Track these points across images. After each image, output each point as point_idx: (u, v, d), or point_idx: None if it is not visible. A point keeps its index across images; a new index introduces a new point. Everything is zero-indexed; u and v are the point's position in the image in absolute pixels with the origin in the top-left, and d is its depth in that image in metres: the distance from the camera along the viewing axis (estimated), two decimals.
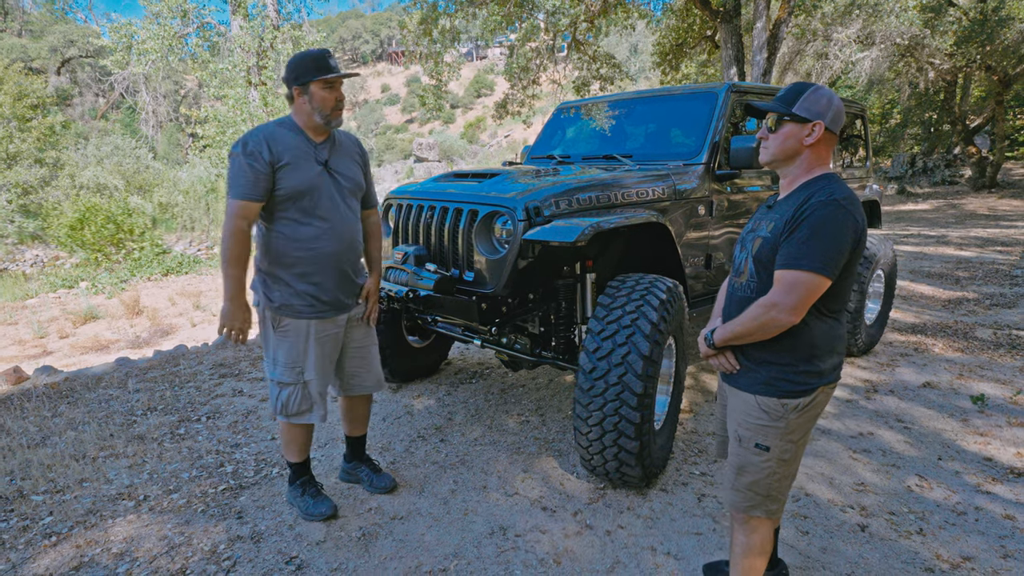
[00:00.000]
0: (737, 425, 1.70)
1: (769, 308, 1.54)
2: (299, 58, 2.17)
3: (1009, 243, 9.10)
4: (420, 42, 11.77)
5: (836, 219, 1.49)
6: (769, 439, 1.64)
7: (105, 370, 4.54)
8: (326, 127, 2.23)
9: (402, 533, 2.43)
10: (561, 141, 4.36)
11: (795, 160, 1.63)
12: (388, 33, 71.48)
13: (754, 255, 1.64)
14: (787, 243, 1.53)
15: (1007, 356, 4.35)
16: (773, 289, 1.55)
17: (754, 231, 1.69)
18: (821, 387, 1.62)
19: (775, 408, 1.61)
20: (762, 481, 1.67)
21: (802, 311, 1.52)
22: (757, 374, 1.65)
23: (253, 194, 2.11)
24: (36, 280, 12.25)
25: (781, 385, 1.61)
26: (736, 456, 1.71)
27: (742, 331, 1.61)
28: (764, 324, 1.56)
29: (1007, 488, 2.69)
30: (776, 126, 1.63)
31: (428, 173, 33.47)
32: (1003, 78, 14.86)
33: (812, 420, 1.65)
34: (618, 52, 34.46)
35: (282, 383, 2.32)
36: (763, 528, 1.74)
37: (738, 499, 1.72)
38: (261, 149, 2.11)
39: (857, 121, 5.08)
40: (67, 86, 36.46)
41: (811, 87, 1.60)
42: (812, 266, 1.48)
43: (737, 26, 11.13)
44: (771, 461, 1.65)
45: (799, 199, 1.57)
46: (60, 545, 2.37)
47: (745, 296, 1.67)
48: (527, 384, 4.01)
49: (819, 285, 1.50)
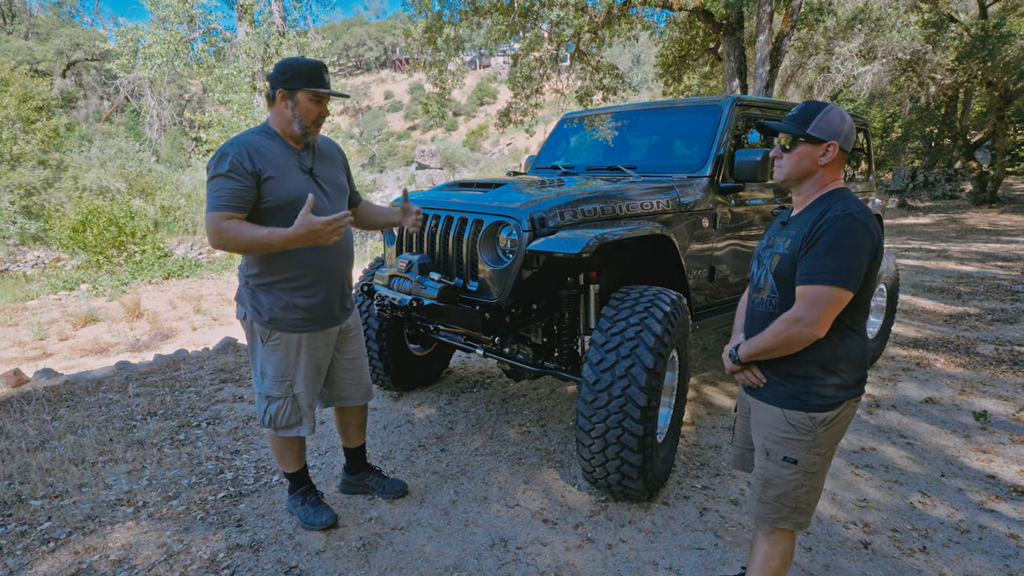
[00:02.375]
0: (764, 439, 1.71)
1: (793, 323, 1.56)
2: (292, 62, 2.09)
3: (1010, 258, 9.10)
4: (424, 50, 11.83)
5: (853, 232, 1.51)
6: (797, 452, 1.65)
7: (105, 374, 4.53)
8: (303, 138, 2.15)
9: (402, 544, 2.42)
10: (565, 151, 4.37)
11: (810, 179, 1.66)
12: (392, 40, 71.90)
13: (773, 271, 1.66)
14: (806, 258, 1.56)
15: (1009, 372, 4.34)
16: (796, 304, 1.57)
17: (771, 247, 1.71)
18: (847, 400, 1.63)
19: (803, 422, 1.63)
20: (790, 494, 1.68)
21: (826, 325, 1.54)
22: (784, 388, 1.66)
23: (233, 205, 2.00)
24: (37, 281, 12.26)
25: (809, 399, 1.62)
26: (763, 469, 1.72)
27: (767, 346, 1.63)
28: (789, 339, 1.58)
29: (1011, 506, 2.68)
30: (791, 146, 1.65)
31: (430, 180, 33.55)
32: (1004, 94, 14.93)
33: (839, 433, 1.67)
34: (621, 63, 34.66)
35: (270, 396, 2.28)
36: (788, 539, 1.76)
37: (766, 511, 1.73)
38: (243, 160, 2.01)
39: (860, 135, 5.10)
40: (72, 89, 36.63)
41: (824, 107, 1.62)
42: (833, 280, 1.50)
43: (740, 39, 11.20)
44: (799, 474, 1.66)
45: (815, 215, 1.59)
46: (58, 551, 2.36)
47: (768, 312, 1.69)
48: (528, 394, 4.00)
49: (841, 298, 1.52)
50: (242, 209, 2.03)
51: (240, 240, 1.98)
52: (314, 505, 2.52)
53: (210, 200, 2.02)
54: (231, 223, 1.99)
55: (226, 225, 1.98)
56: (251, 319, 2.22)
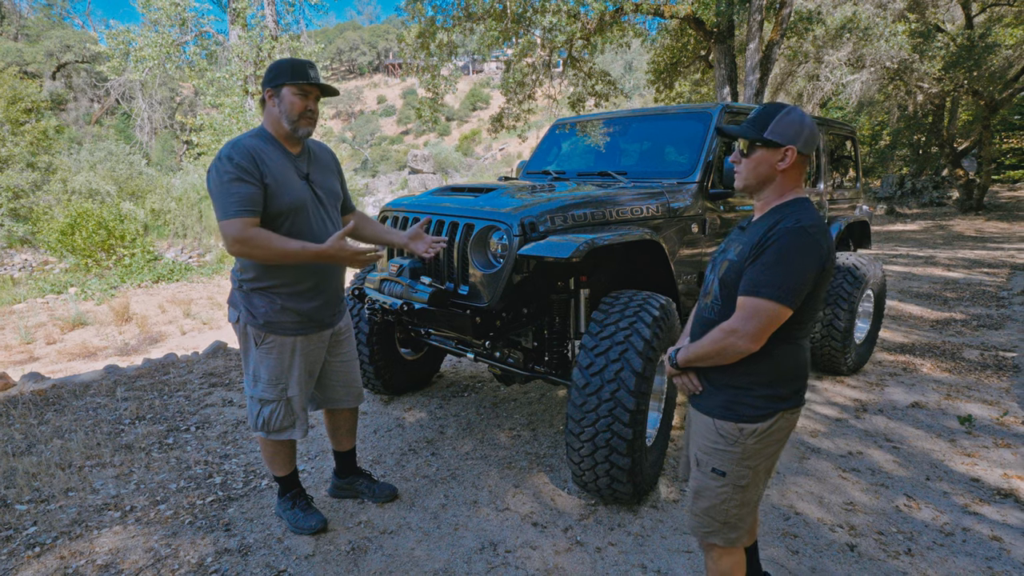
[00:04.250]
0: (696, 448, 1.67)
1: (729, 334, 1.51)
2: (279, 61, 2.12)
3: (996, 265, 9.22)
4: (418, 55, 11.85)
5: (801, 247, 1.45)
6: (725, 464, 1.59)
7: (93, 377, 4.49)
8: (292, 134, 2.14)
9: (392, 548, 2.42)
10: (557, 157, 4.40)
11: (769, 185, 1.59)
12: (385, 45, 71.99)
13: (720, 277, 1.61)
14: (751, 268, 1.50)
15: (994, 377, 4.39)
16: (735, 315, 1.52)
17: (724, 252, 1.66)
18: (781, 412, 1.58)
19: (731, 432, 1.58)
20: (718, 507, 1.62)
21: (761, 339, 1.49)
22: (717, 397, 1.61)
23: (253, 209, 2.00)
24: (24, 285, 12.13)
25: (739, 409, 1.57)
26: (694, 480, 1.67)
27: (702, 354, 1.59)
28: (723, 349, 1.53)
29: (994, 509, 2.71)
30: (749, 151, 1.59)
31: (422, 184, 33.51)
32: (989, 103, 15.16)
33: (773, 446, 1.60)
34: (613, 69, 34.88)
35: (264, 400, 2.27)
36: (727, 557, 1.69)
37: (696, 524, 1.68)
38: (248, 163, 2.01)
39: (848, 142, 5.17)
40: (62, 91, 36.38)
41: (782, 109, 1.55)
42: (773, 295, 1.45)
43: (730, 47, 11.31)
44: (727, 487, 1.60)
45: (768, 223, 1.54)
46: (44, 556, 2.34)
47: (709, 318, 1.64)
48: (519, 398, 4.01)
49: (779, 314, 1.47)
50: (258, 213, 2.03)
51: (271, 250, 1.98)
52: (304, 509, 2.52)
53: (226, 206, 1.98)
54: (258, 232, 1.99)
55: (254, 233, 1.97)
56: (245, 322, 2.22)
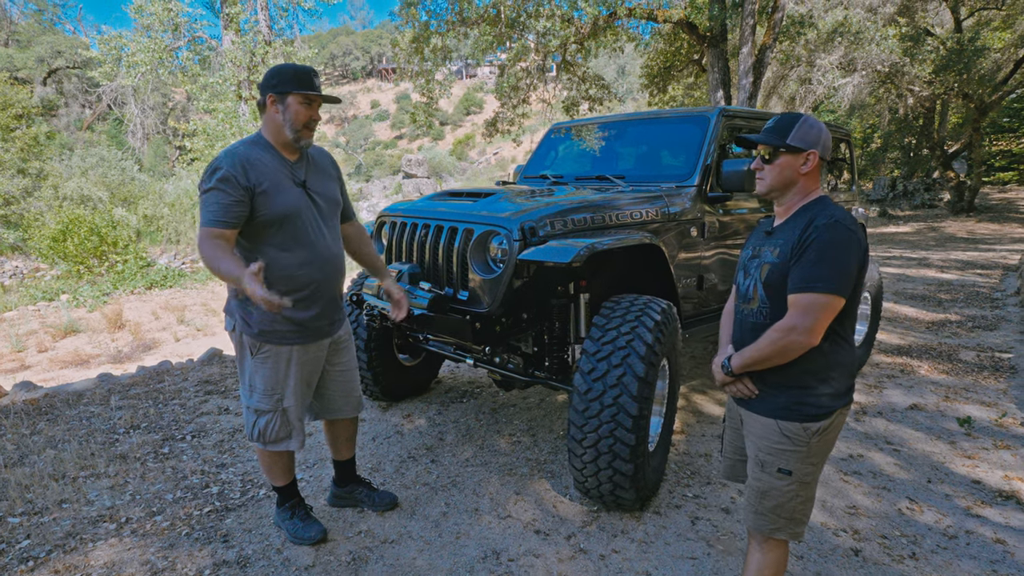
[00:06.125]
0: (758, 450, 1.71)
1: (788, 332, 1.56)
2: (282, 67, 2.08)
3: (988, 266, 9.28)
4: (412, 60, 11.84)
5: (842, 240, 1.53)
6: (792, 463, 1.65)
7: (86, 386, 4.43)
8: (295, 143, 2.12)
9: (393, 557, 2.38)
10: (554, 161, 4.39)
11: (792, 188, 1.69)
12: (378, 50, 72.03)
13: (764, 281, 1.67)
14: (797, 267, 1.57)
15: (991, 378, 4.41)
16: (789, 313, 1.58)
17: (757, 257, 1.72)
18: (839, 409, 1.64)
19: (797, 432, 1.63)
20: (786, 504, 1.68)
21: (820, 332, 1.55)
22: (777, 399, 1.66)
23: (225, 220, 1.98)
24: (15, 292, 12.00)
25: (803, 409, 1.63)
26: (758, 480, 1.72)
27: (761, 356, 1.63)
28: (783, 348, 1.58)
29: (996, 511, 2.71)
30: (772, 157, 1.68)
31: (417, 189, 33.47)
32: (979, 105, 15.31)
33: (831, 443, 1.68)
34: (607, 73, 34.98)
35: (259, 410, 2.24)
36: (781, 549, 1.76)
37: (762, 522, 1.73)
38: (236, 174, 1.99)
39: (842, 145, 5.19)
40: (53, 96, 36.14)
41: (801, 118, 1.66)
42: (827, 287, 1.52)
43: (723, 51, 11.36)
44: (794, 485, 1.66)
45: (802, 223, 1.61)
46: (37, 570, 2.29)
47: (758, 322, 1.69)
48: (518, 404, 3.99)
49: (834, 305, 1.54)
50: (233, 224, 2.00)
51: (211, 263, 1.95)
52: (303, 519, 2.48)
53: (202, 214, 2.01)
54: (214, 243, 1.95)
55: (208, 243, 1.96)
56: (240, 331, 2.19)
